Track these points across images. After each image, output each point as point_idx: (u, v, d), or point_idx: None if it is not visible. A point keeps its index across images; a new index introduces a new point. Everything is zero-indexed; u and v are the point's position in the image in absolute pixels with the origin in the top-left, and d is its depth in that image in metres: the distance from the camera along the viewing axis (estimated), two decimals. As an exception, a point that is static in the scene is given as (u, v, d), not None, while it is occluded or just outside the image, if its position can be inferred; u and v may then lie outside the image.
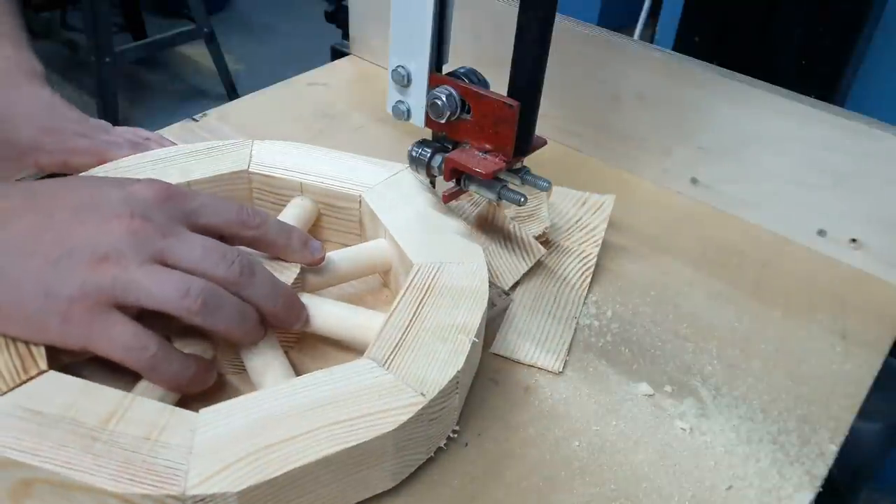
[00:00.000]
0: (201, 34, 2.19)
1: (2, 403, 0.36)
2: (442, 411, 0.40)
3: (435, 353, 0.41)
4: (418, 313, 0.43)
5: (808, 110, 0.57)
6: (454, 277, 0.46)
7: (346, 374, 0.39)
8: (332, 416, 0.37)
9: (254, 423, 0.36)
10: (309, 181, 0.54)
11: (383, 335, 0.41)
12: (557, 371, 0.48)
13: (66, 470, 0.34)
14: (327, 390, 0.38)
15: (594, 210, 0.60)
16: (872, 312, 0.55)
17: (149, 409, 0.37)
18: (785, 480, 0.43)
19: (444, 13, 0.48)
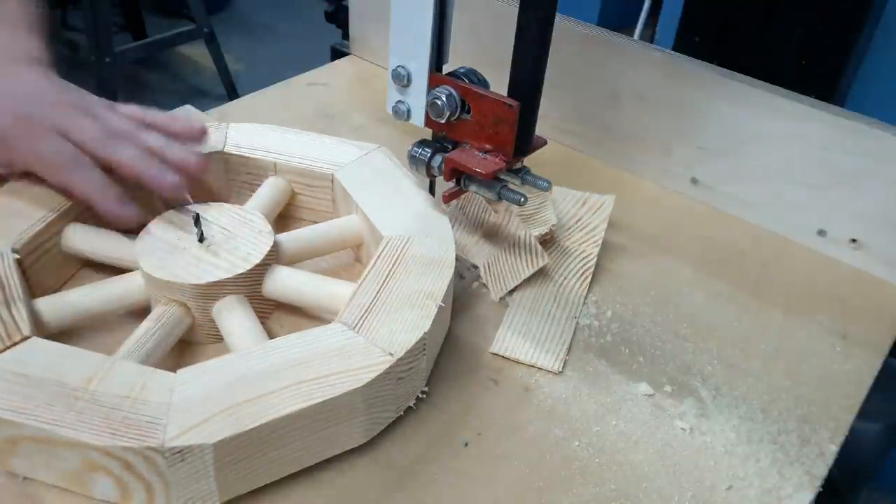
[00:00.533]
0: (201, 34, 2.19)
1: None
2: (410, 371, 0.42)
3: (403, 317, 0.43)
4: (388, 281, 0.45)
5: (808, 110, 0.57)
6: (422, 248, 0.48)
7: (318, 337, 0.41)
8: (303, 374, 0.39)
9: (229, 382, 0.38)
10: (282, 161, 0.55)
11: (354, 301, 0.43)
12: (557, 371, 0.48)
13: (51, 426, 0.35)
14: (299, 351, 0.40)
15: (594, 210, 0.60)
16: (872, 312, 0.55)
17: (129, 370, 0.38)
18: (785, 480, 0.43)
19: (444, 13, 0.48)
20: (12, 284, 0.43)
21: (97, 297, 0.46)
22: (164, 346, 0.44)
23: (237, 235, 0.48)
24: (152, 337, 0.43)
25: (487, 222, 0.57)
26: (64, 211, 0.49)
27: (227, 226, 0.49)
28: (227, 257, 0.46)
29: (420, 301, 0.44)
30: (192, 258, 0.46)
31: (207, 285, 0.44)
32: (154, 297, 0.46)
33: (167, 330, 0.44)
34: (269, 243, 0.47)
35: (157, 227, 0.48)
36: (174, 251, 0.46)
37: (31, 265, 0.47)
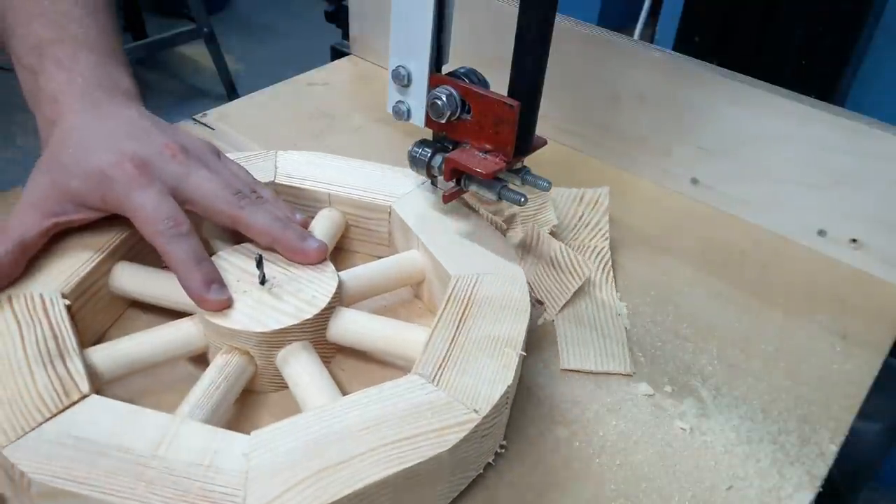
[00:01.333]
0: (201, 34, 2.19)
1: (47, 430, 0.35)
2: (493, 427, 0.39)
3: (483, 368, 0.40)
4: (461, 326, 0.42)
5: (808, 110, 0.57)
6: (493, 288, 0.45)
7: (396, 392, 0.38)
8: (387, 435, 0.36)
9: (308, 446, 0.35)
10: (337, 192, 0.53)
11: (428, 350, 0.40)
12: (630, 372, 0.48)
13: (119, 500, 0.33)
14: (378, 409, 0.37)
15: (593, 205, 0.60)
16: (872, 312, 0.55)
17: (198, 432, 0.36)
18: (785, 480, 0.43)
19: (443, 13, 0.48)
20: (66, 335, 0.40)
21: (153, 346, 0.43)
22: (229, 399, 0.41)
23: (299, 276, 0.45)
24: (217, 391, 0.40)
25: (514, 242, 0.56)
26: (112, 249, 0.46)
27: (286, 265, 0.46)
28: (290, 300, 0.43)
29: (498, 349, 0.41)
30: (255, 302, 0.43)
31: (273, 333, 0.42)
32: (214, 345, 0.43)
33: (231, 382, 0.41)
34: (333, 284, 0.44)
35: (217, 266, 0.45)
36: (234, 295, 0.43)
37: (79, 309, 0.44)
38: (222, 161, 0.49)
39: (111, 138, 0.45)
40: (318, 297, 0.44)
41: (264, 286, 0.44)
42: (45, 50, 0.48)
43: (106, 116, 0.47)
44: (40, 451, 0.34)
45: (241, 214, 0.45)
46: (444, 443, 0.36)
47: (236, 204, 0.45)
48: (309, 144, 0.68)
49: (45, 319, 0.41)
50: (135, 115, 0.48)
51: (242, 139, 0.57)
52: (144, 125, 0.47)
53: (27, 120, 2.20)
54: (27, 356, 0.39)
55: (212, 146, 0.49)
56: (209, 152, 0.48)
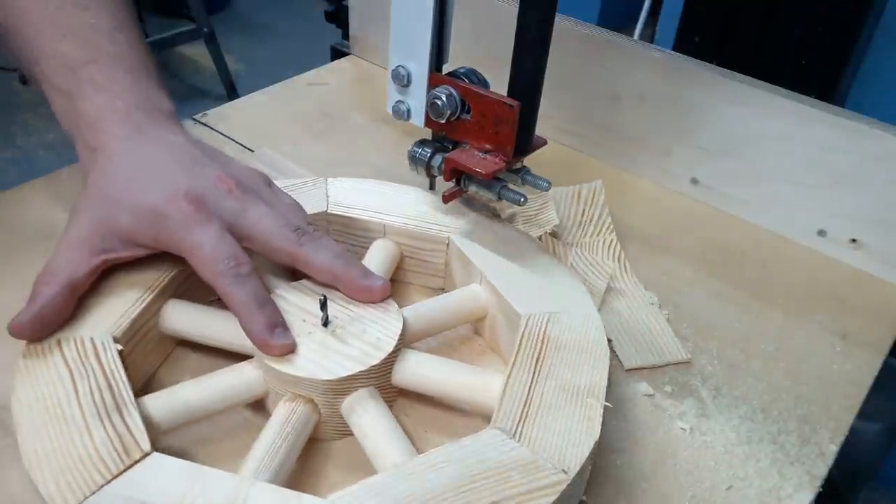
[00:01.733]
0: (201, 34, 2.19)
1: (109, 494, 0.33)
2: (578, 484, 0.37)
3: (567, 421, 0.38)
4: (538, 373, 0.40)
5: (808, 110, 0.57)
6: (567, 329, 0.43)
7: (477, 448, 0.36)
8: (474, 499, 0.34)
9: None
10: (392, 223, 0.50)
11: (506, 401, 0.38)
12: (687, 359, 0.49)
13: None
14: (461, 468, 0.35)
15: (590, 201, 0.61)
16: (872, 312, 0.55)
17: (271, 496, 0.34)
18: (785, 480, 0.43)
19: (444, 13, 0.48)
20: (121, 384, 0.38)
21: (211, 394, 0.40)
22: (295, 453, 0.39)
23: (362, 316, 0.42)
24: (283, 445, 0.38)
25: None
26: (163, 287, 0.44)
27: (347, 303, 0.43)
28: (355, 343, 0.41)
29: (580, 399, 0.39)
30: (318, 346, 0.40)
31: (339, 380, 0.39)
32: (274, 391, 0.41)
33: (296, 434, 0.39)
34: (399, 326, 0.42)
35: None
36: (298, 339, 0.41)
37: (129, 352, 0.41)
38: (275, 192, 0.47)
39: (161, 170, 0.43)
40: (384, 339, 0.41)
41: (327, 328, 0.42)
42: (79, 71, 0.46)
43: (151, 143, 0.45)
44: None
45: (301, 252, 0.43)
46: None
47: (296, 241, 0.43)
48: (309, 144, 0.68)
49: (97, 367, 0.39)
50: (181, 142, 0.46)
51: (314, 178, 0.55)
52: (194, 154, 0.45)
53: (27, 120, 2.20)
54: (82, 409, 0.36)
55: (264, 176, 0.47)
56: (263, 184, 0.46)
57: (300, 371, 0.39)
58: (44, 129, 2.11)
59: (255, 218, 0.43)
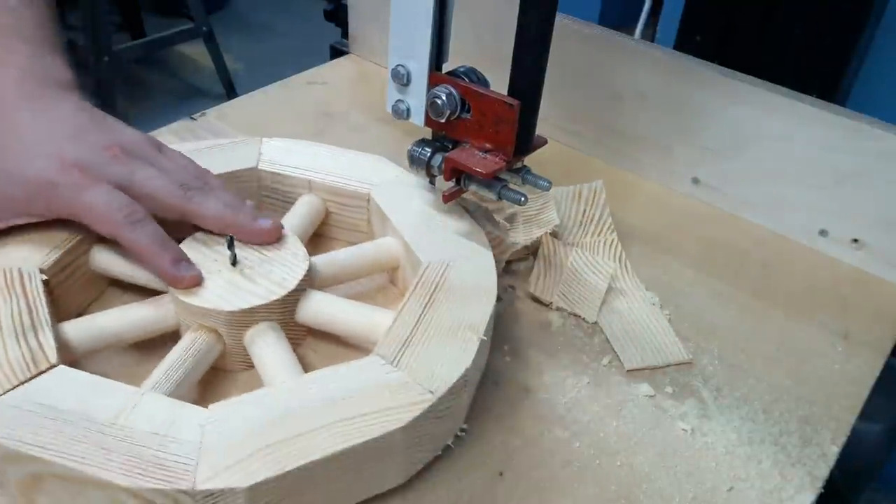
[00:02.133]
0: (200, 33, 2.19)
1: (14, 397, 0.36)
2: (450, 409, 0.40)
3: (443, 351, 0.41)
4: (427, 311, 0.43)
5: (809, 110, 0.57)
6: (463, 274, 0.46)
7: (355, 372, 0.39)
8: (341, 412, 0.37)
9: (263, 420, 0.36)
10: (317, 179, 0.54)
11: (392, 332, 0.42)
12: (689, 359, 0.49)
13: (78, 465, 0.34)
14: (336, 387, 0.38)
15: (591, 201, 0.60)
16: (874, 312, 0.55)
17: (159, 404, 0.37)
18: (786, 481, 0.43)
19: (444, 12, 0.47)
20: (39, 308, 0.41)
21: (126, 322, 0.44)
22: (194, 376, 0.42)
23: (271, 258, 0.46)
24: (182, 366, 0.41)
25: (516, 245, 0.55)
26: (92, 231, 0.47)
27: (260, 248, 0.47)
28: (261, 282, 0.44)
29: (461, 333, 0.42)
30: (225, 283, 0.44)
31: (241, 312, 0.43)
32: (184, 323, 0.44)
33: (197, 359, 0.42)
34: (304, 267, 0.45)
35: (188, 248, 0.46)
36: (206, 275, 0.44)
37: (58, 285, 0.45)
38: (165, 154, 0.49)
39: (49, 141, 0.45)
40: (288, 279, 0.45)
41: (236, 267, 0.45)
42: None
43: (42, 112, 0.46)
44: (5, 416, 0.35)
45: (190, 205, 0.45)
46: (398, 421, 0.37)
47: (184, 196, 0.45)
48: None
49: (21, 293, 0.42)
50: (72, 110, 0.47)
51: (249, 137, 0.57)
52: (82, 122, 0.46)
53: (26, 119, 2.19)
54: (2, 328, 0.40)
55: (153, 140, 0.49)
56: (150, 147, 0.48)
57: (205, 303, 0.43)
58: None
59: (141, 180, 0.45)
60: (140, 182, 0.45)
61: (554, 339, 0.51)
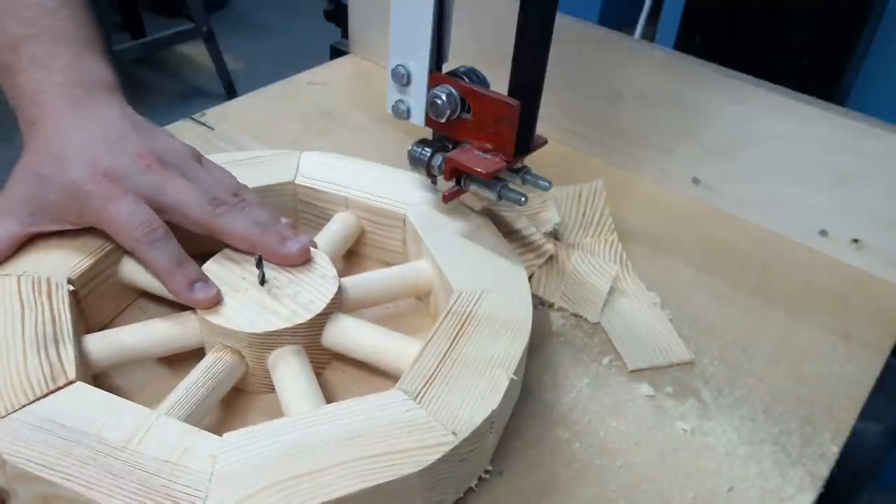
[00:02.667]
0: (200, 33, 2.19)
1: (29, 414, 0.36)
2: (473, 451, 0.38)
3: (470, 389, 0.39)
4: (455, 344, 0.41)
5: (809, 110, 0.57)
6: (496, 306, 0.44)
7: (377, 406, 0.37)
8: (358, 451, 0.35)
9: (276, 453, 0.35)
10: (354, 196, 0.52)
11: (417, 366, 0.40)
12: (691, 359, 0.49)
13: (84, 489, 0.33)
14: (356, 422, 0.37)
15: (591, 201, 0.60)
16: (874, 313, 0.55)
17: (173, 429, 0.36)
18: (786, 482, 0.43)
19: (444, 12, 0.47)
20: (63, 321, 0.41)
21: (149, 339, 0.43)
22: (213, 399, 0.41)
23: (300, 279, 0.44)
24: (200, 389, 0.40)
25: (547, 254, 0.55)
26: None
27: (289, 267, 0.45)
28: (287, 303, 0.43)
29: (489, 370, 0.40)
30: (252, 302, 0.43)
31: (264, 335, 0.41)
32: (208, 342, 0.43)
33: (217, 381, 0.41)
34: (332, 290, 0.44)
35: (217, 264, 0.45)
36: (233, 293, 0.43)
37: (86, 295, 0.45)
38: (204, 167, 0.48)
39: (87, 148, 0.44)
40: (315, 301, 0.43)
41: (264, 287, 0.44)
42: (20, 47, 0.47)
43: (86, 118, 0.46)
44: (19, 433, 0.35)
45: (217, 222, 0.44)
46: (417, 463, 0.35)
47: (212, 212, 0.44)
48: (308, 144, 0.68)
49: (47, 303, 0.41)
50: (115, 116, 0.47)
51: (289, 150, 0.56)
52: (123, 129, 0.46)
53: (26, 119, 2.20)
54: (24, 339, 0.39)
55: (192, 151, 0.48)
56: (188, 158, 0.47)
57: (228, 323, 0.42)
58: (43, 129, 2.11)
59: (172, 191, 0.44)
60: (169, 194, 0.44)
61: (554, 340, 0.51)
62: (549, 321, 0.52)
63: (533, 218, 0.57)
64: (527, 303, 0.45)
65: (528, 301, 0.45)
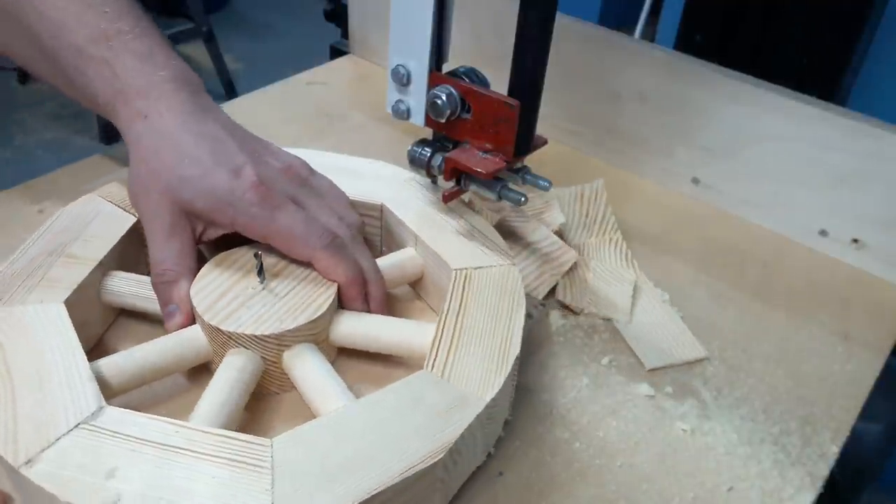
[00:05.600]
0: (200, 33, 2.19)
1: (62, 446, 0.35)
2: (496, 410, 0.41)
3: (486, 355, 0.41)
4: (463, 317, 0.43)
5: (809, 110, 0.57)
6: (491, 280, 0.46)
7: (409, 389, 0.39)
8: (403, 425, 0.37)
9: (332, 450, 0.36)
10: None
11: (438, 346, 0.41)
12: (706, 357, 0.50)
13: None
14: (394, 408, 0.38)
15: (593, 200, 0.61)
16: (874, 313, 0.55)
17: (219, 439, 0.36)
18: (786, 481, 0.43)
19: (444, 12, 0.47)
20: (75, 348, 0.39)
21: (160, 355, 0.42)
22: (242, 400, 0.41)
23: (301, 277, 0.45)
24: (232, 391, 0.40)
25: None
26: (102, 259, 0.45)
27: (288, 265, 0.46)
28: (292, 302, 0.43)
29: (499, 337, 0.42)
30: (257, 305, 0.43)
31: (276, 336, 0.42)
32: (217, 351, 0.43)
33: (243, 383, 0.41)
34: (335, 287, 0.44)
35: (212, 271, 0.45)
36: (235, 298, 0.43)
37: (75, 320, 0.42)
38: (316, 178, 0.49)
39: (224, 151, 0.44)
40: (320, 298, 0.44)
41: (267, 290, 0.44)
42: (113, 41, 0.45)
43: (204, 121, 0.45)
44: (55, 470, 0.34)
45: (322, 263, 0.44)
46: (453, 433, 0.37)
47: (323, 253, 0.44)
48: (308, 144, 0.68)
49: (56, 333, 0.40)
50: (229, 120, 0.47)
51: None
52: (245, 134, 0.47)
53: (26, 120, 2.20)
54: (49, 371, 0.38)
55: (305, 161, 0.49)
56: (307, 169, 0.48)
57: (240, 327, 0.41)
58: (42, 129, 2.11)
59: (314, 209, 0.45)
60: (314, 210, 0.45)
61: (554, 340, 0.51)
62: (549, 321, 0.52)
63: (536, 219, 0.57)
64: (516, 274, 0.47)
65: (515, 271, 0.47)
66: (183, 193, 0.43)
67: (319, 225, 0.44)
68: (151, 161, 0.44)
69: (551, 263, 0.54)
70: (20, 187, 0.60)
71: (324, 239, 0.44)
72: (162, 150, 0.44)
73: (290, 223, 0.43)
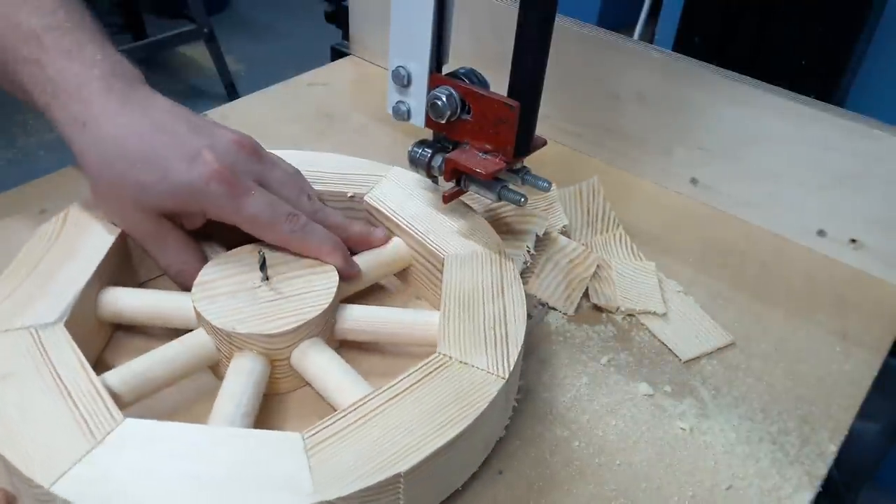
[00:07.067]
0: (201, 34, 2.19)
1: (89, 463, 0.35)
2: (511, 384, 0.42)
3: (495, 333, 0.43)
4: (466, 300, 0.45)
5: (807, 110, 0.57)
6: (485, 264, 0.48)
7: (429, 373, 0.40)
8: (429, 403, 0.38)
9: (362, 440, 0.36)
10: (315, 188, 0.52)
11: (446, 330, 0.43)
12: (733, 342, 0.51)
13: None
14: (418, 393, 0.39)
15: (592, 197, 0.61)
16: (872, 312, 0.55)
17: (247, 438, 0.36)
18: (785, 480, 0.43)
19: (444, 13, 0.48)
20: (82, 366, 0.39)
21: (167, 363, 0.42)
22: (257, 399, 0.41)
23: (301, 274, 0.45)
24: (247, 389, 0.40)
25: None
26: (94, 275, 0.44)
27: (287, 262, 0.46)
28: (295, 299, 0.44)
29: (502, 318, 0.44)
30: (260, 303, 0.43)
31: (281, 334, 0.42)
32: (224, 354, 0.43)
33: (255, 382, 0.41)
34: (335, 279, 0.45)
35: (213, 273, 0.45)
36: (240, 298, 0.43)
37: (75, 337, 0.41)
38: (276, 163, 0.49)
39: (174, 141, 0.43)
40: (323, 293, 0.44)
41: (268, 286, 0.44)
42: (44, 39, 0.44)
43: (142, 114, 0.44)
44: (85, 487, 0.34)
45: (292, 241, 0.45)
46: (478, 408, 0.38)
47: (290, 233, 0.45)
48: (309, 145, 0.68)
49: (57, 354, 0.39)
50: (169, 107, 0.46)
51: None
52: (189, 115, 0.46)
53: (27, 120, 2.20)
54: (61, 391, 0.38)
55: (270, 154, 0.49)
56: (254, 140, 0.48)
57: (245, 328, 0.41)
58: (44, 130, 2.11)
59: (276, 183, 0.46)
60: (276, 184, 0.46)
61: (553, 339, 0.51)
62: (548, 321, 0.52)
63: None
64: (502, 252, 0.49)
65: (505, 254, 0.49)
66: (149, 199, 0.43)
67: (286, 209, 0.44)
68: (105, 174, 0.44)
69: (577, 269, 0.54)
70: (22, 188, 0.60)
71: (291, 223, 0.44)
72: (112, 160, 0.43)
73: (256, 211, 0.44)
